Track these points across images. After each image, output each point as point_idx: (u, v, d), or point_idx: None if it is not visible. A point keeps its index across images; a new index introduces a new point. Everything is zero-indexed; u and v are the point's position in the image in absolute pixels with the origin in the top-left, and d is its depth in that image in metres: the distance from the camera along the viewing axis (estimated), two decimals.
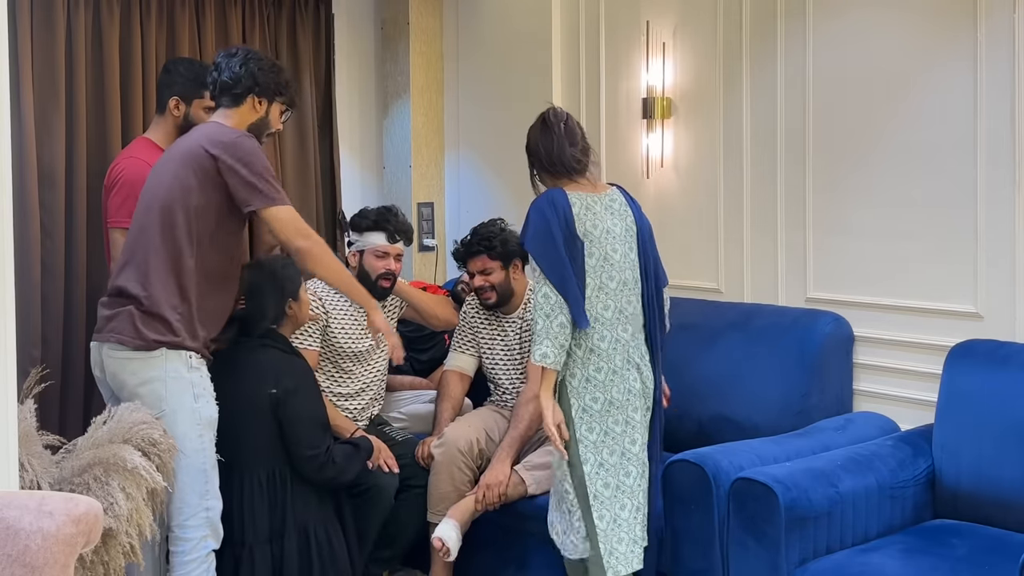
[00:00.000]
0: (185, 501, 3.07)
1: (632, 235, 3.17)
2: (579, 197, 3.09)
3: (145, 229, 3.12)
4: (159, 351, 3.05)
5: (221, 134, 3.14)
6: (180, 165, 3.12)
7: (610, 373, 3.07)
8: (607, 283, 3.08)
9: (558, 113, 3.23)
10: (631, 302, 3.13)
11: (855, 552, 2.95)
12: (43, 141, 4.05)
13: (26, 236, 3.93)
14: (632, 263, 3.15)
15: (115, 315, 3.10)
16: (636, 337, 3.14)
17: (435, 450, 3.74)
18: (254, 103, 3.27)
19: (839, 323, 3.61)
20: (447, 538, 3.49)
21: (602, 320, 3.07)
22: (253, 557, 3.29)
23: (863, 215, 3.60)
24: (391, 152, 5.14)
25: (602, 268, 3.07)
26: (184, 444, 3.04)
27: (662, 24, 4.18)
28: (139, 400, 3.04)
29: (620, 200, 3.19)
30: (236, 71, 3.24)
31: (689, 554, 3.10)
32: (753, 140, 3.90)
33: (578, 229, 3.04)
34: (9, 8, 2.93)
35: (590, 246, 3.06)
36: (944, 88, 3.37)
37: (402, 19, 5.02)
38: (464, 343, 4.03)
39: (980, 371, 3.15)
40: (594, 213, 3.09)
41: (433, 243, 5.06)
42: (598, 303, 3.06)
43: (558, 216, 3.02)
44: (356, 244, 3.93)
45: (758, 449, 3.20)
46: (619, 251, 3.10)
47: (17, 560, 2.09)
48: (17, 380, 2.52)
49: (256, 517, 3.30)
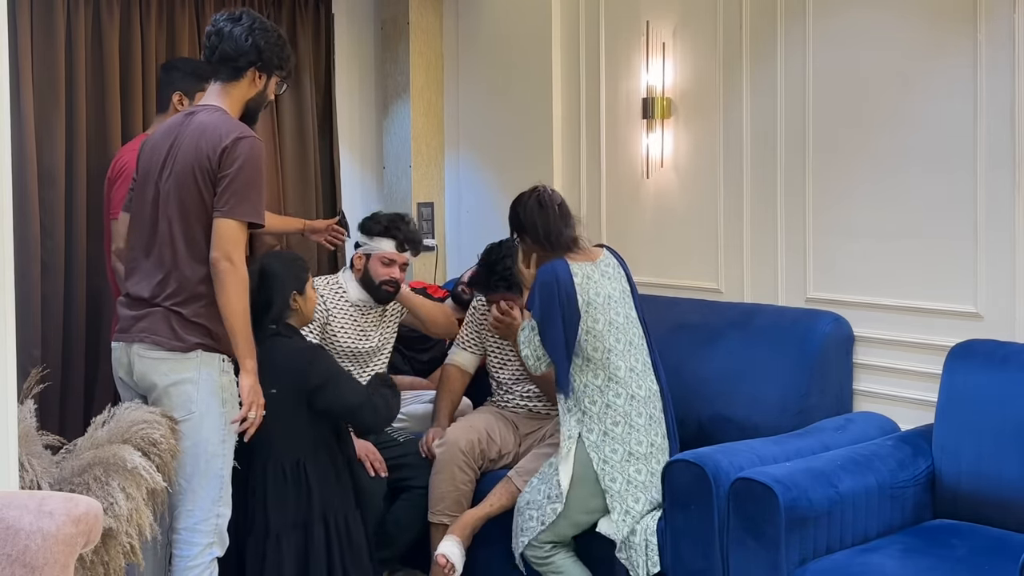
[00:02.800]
0: (198, 505, 3.02)
1: (628, 295, 3.40)
2: (580, 268, 3.30)
3: (167, 234, 3.00)
4: (195, 352, 2.99)
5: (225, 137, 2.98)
6: (192, 175, 2.98)
7: (627, 427, 3.24)
8: (615, 345, 3.28)
9: (552, 195, 3.43)
10: (639, 359, 3.33)
11: (855, 552, 2.95)
12: (43, 141, 4.05)
13: (26, 236, 3.93)
14: (634, 321, 3.37)
15: (146, 315, 3.02)
16: (650, 390, 3.31)
17: (436, 449, 3.75)
18: (254, 77, 3.11)
19: (839, 323, 3.61)
20: (451, 555, 3.51)
21: (616, 379, 3.27)
22: (280, 545, 3.28)
23: (863, 215, 3.60)
24: (391, 152, 5.14)
25: (609, 332, 3.28)
26: (207, 448, 3.00)
27: (662, 24, 4.18)
28: (168, 401, 2.99)
29: (613, 263, 3.42)
30: (240, 43, 3.06)
31: (689, 554, 3.10)
32: (753, 140, 3.90)
33: (580, 299, 3.25)
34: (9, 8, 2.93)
35: (595, 313, 3.26)
36: (944, 88, 3.37)
37: (402, 19, 5.02)
38: (469, 340, 4.03)
39: (980, 371, 3.15)
40: (594, 282, 3.31)
41: (433, 243, 5.06)
42: (610, 364, 3.26)
43: (561, 294, 3.24)
44: (364, 247, 3.92)
45: (758, 449, 3.20)
46: (621, 313, 3.33)
47: (17, 560, 2.09)
48: (17, 380, 2.52)
49: (282, 505, 3.29)
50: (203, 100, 3.16)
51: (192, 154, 2.99)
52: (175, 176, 3.01)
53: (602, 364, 3.26)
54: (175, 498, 3.05)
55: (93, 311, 4.16)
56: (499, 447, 3.83)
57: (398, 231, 3.89)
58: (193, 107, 3.17)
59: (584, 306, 3.26)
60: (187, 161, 3.00)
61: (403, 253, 3.90)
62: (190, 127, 3.05)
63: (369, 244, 3.90)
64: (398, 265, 3.89)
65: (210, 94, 3.14)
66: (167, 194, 3.02)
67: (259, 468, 3.29)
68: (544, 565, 3.35)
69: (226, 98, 3.10)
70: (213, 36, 3.09)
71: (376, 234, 3.90)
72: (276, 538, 3.29)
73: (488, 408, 4.00)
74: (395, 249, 3.88)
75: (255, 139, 3.03)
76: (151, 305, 3.02)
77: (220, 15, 3.14)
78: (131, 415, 2.95)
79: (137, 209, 3.12)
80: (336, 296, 3.84)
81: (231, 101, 3.11)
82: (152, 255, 3.04)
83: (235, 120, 3.07)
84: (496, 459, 3.83)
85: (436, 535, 3.68)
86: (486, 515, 3.60)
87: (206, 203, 2.98)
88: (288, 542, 3.30)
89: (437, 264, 5.08)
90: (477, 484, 3.75)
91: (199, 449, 3.01)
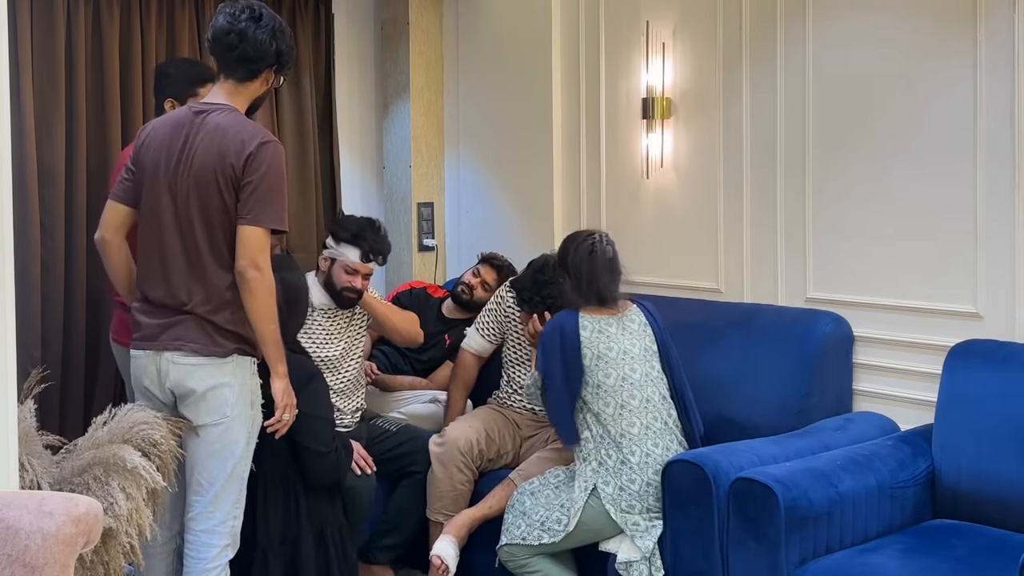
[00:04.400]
0: (220, 507, 2.99)
1: (652, 354, 3.34)
2: (592, 321, 3.28)
3: (191, 242, 2.95)
4: (232, 357, 2.96)
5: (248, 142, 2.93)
6: (214, 181, 2.92)
7: (644, 484, 3.19)
8: (629, 401, 3.25)
9: (608, 243, 3.39)
10: (658, 419, 3.27)
11: (855, 552, 2.95)
12: (43, 141, 4.05)
13: (26, 236, 3.93)
14: (655, 380, 3.31)
15: (177, 323, 2.96)
16: (668, 450, 3.26)
17: (435, 449, 3.74)
18: (268, 77, 3.06)
19: (839, 323, 3.60)
20: (445, 555, 3.51)
21: (629, 436, 3.22)
22: (266, 560, 3.24)
23: (863, 215, 3.60)
24: (391, 152, 5.14)
25: (622, 387, 3.25)
26: (234, 450, 2.98)
27: (662, 24, 4.18)
28: (204, 405, 2.95)
29: (640, 320, 3.36)
30: (264, 47, 2.98)
31: (689, 554, 3.10)
32: (753, 140, 3.90)
33: (588, 353, 3.24)
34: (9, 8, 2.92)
35: (606, 368, 3.24)
36: (944, 88, 3.37)
37: (402, 19, 5.02)
38: (489, 328, 4.00)
39: (980, 371, 3.15)
40: (608, 336, 3.27)
41: (433, 243, 5.06)
42: (622, 420, 3.23)
43: (564, 348, 3.25)
44: (329, 251, 3.82)
45: (758, 449, 3.20)
46: (638, 371, 3.27)
47: (17, 560, 2.09)
48: (17, 380, 2.52)
49: (269, 520, 3.25)
50: (210, 97, 3.07)
51: (214, 159, 2.92)
52: (194, 180, 2.94)
53: (614, 420, 3.23)
54: (193, 500, 3.01)
55: (93, 311, 4.16)
56: (498, 446, 3.83)
57: (364, 241, 3.77)
58: (201, 105, 3.06)
59: (594, 360, 3.24)
60: (208, 165, 2.93)
61: (367, 264, 3.79)
62: (206, 128, 2.96)
63: (335, 249, 3.79)
64: (360, 276, 3.79)
65: (219, 92, 3.05)
66: (186, 198, 2.95)
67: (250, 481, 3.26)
68: (518, 570, 3.33)
69: (237, 97, 3.03)
70: (233, 35, 2.97)
71: (342, 240, 3.79)
72: (263, 552, 3.24)
73: (489, 408, 4.00)
74: (359, 259, 3.77)
75: (277, 144, 2.98)
76: (180, 312, 2.96)
77: (236, 10, 3.01)
78: (132, 416, 2.95)
79: (149, 210, 3.03)
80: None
81: (242, 100, 3.04)
82: (172, 261, 2.98)
83: (252, 123, 3.01)
84: (495, 459, 3.83)
85: (435, 532, 3.69)
86: (483, 516, 3.60)
87: (228, 209, 2.93)
88: (274, 557, 3.25)
89: (437, 264, 5.08)
90: (475, 484, 3.75)
91: (227, 452, 2.98)
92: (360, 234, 3.79)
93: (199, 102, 3.13)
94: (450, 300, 4.44)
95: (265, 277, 2.92)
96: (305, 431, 3.20)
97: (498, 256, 4.44)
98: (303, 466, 3.27)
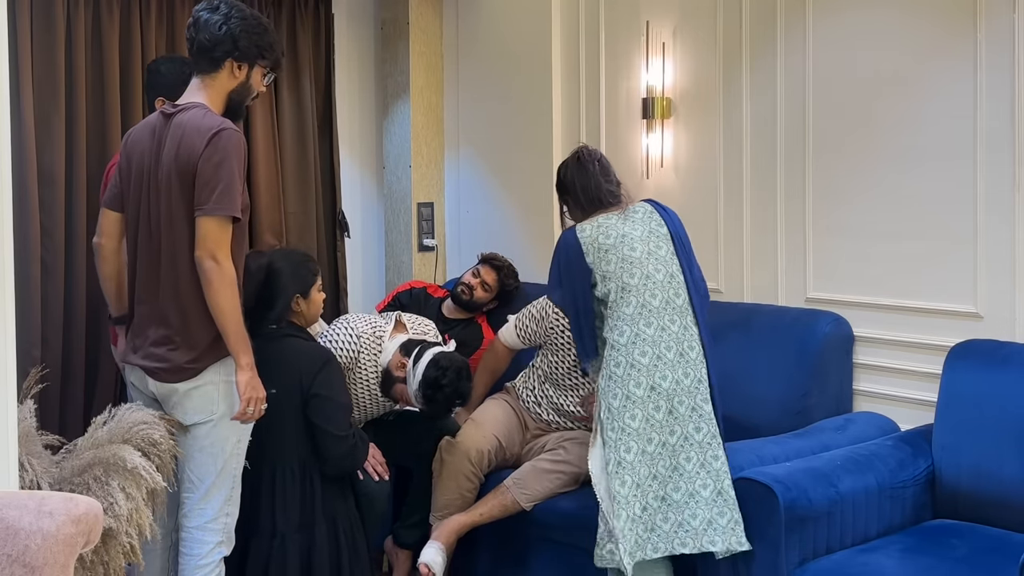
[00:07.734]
0: (211, 504, 3.02)
1: (659, 237, 3.18)
2: (590, 223, 3.19)
3: (169, 264, 2.94)
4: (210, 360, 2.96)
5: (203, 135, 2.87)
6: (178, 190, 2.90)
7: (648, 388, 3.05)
8: (629, 281, 3.10)
9: (592, 151, 3.36)
10: (671, 302, 3.11)
11: (855, 552, 2.95)
12: (43, 141, 4.05)
13: (26, 236, 3.93)
14: (662, 259, 3.14)
15: (155, 349, 2.96)
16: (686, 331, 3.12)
17: (446, 456, 3.72)
18: (233, 68, 2.98)
19: (839, 323, 3.61)
20: (432, 563, 3.51)
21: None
22: (285, 546, 3.29)
23: (863, 215, 3.60)
24: (391, 152, 5.14)
25: (622, 269, 3.10)
26: (224, 447, 3.00)
27: (662, 24, 4.18)
28: (190, 404, 2.96)
29: (645, 210, 3.26)
30: (215, 32, 2.93)
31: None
32: (753, 140, 3.90)
33: (588, 250, 3.13)
34: (9, 8, 2.92)
35: (606, 254, 3.13)
36: (944, 88, 3.37)
37: (402, 19, 5.02)
38: (526, 331, 3.89)
39: (980, 371, 3.15)
40: (607, 227, 3.17)
41: (433, 243, 5.06)
42: (623, 303, 3.08)
43: (569, 259, 3.16)
44: (409, 377, 3.60)
45: (758, 449, 3.20)
46: (638, 249, 3.12)
47: (17, 560, 2.09)
48: (17, 380, 2.52)
49: (288, 507, 3.30)
50: (184, 96, 3.03)
51: (175, 160, 2.90)
52: (165, 184, 2.92)
53: (616, 308, 3.08)
54: (185, 497, 3.04)
55: (93, 311, 4.16)
56: (507, 452, 3.80)
57: (435, 401, 3.57)
58: (173, 106, 3.02)
59: (596, 254, 3.12)
60: (172, 167, 2.90)
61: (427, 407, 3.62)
62: (171, 130, 2.94)
63: (412, 378, 3.58)
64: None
65: (191, 89, 3.02)
66: (157, 204, 2.95)
67: (268, 469, 3.29)
68: None
69: (206, 92, 2.99)
70: (191, 27, 2.98)
71: (420, 388, 3.56)
72: (281, 538, 3.30)
73: (505, 402, 3.90)
74: (423, 404, 3.59)
75: (232, 132, 2.90)
76: (160, 344, 2.96)
77: (200, 5, 3.01)
78: (131, 415, 2.96)
79: (131, 217, 3.04)
80: (372, 347, 3.73)
81: (212, 94, 2.99)
82: (150, 269, 2.98)
83: (214, 115, 2.94)
84: (502, 463, 3.80)
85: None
86: (473, 523, 3.58)
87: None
88: (292, 543, 3.30)
89: (437, 264, 5.08)
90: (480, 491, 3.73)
91: (216, 449, 3.00)
92: (434, 391, 3.55)
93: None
94: (450, 300, 4.44)
95: (224, 268, 2.85)
96: (321, 413, 3.29)
97: (498, 256, 4.43)
98: (320, 449, 3.33)
